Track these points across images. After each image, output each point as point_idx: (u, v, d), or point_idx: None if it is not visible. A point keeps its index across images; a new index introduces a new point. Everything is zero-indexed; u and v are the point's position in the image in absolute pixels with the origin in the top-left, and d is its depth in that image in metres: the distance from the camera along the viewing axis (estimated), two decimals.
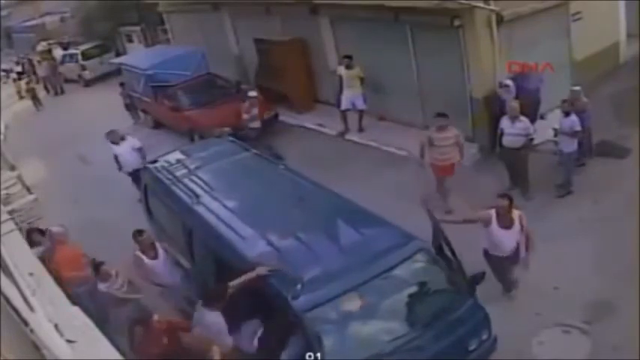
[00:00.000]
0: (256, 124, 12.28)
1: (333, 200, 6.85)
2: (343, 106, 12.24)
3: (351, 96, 12.05)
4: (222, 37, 17.47)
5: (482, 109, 10.37)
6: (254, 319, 5.97)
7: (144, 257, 7.14)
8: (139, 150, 10.96)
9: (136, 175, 10.86)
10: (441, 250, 6.16)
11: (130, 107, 16.75)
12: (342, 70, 12.11)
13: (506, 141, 8.92)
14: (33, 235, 7.99)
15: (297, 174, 7.72)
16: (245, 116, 12.09)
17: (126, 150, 10.87)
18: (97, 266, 7.19)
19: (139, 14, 24.19)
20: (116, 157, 10.95)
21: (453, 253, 6.10)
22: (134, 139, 11.17)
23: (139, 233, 7.23)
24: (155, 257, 7.22)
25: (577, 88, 9.26)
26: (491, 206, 6.67)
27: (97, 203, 11.09)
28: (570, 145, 8.72)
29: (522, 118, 8.79)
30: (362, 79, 11.94)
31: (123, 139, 10.98)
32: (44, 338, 2.78)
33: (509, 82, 9.64)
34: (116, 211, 11.19)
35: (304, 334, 5.29)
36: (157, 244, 7.35)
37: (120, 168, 11.03)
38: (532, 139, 8.92)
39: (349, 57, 12.01)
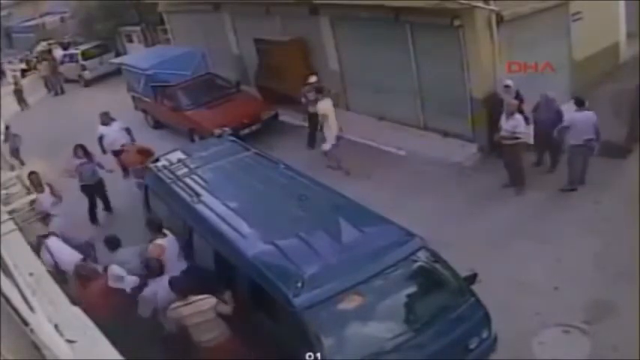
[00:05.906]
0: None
1: (334, 198, 6.86)
2: None
3: None
4: (223, 37, 17.47)
5: (482, 109, 10.38)
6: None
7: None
8: (127, 130, 11.97)
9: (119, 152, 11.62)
10: None
11: (15, 154, 14.31)
12: None
13: (502, 136, 8.99)
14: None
15: (297, 173, 7.72)
16: (303, 100, 12.10)
17: (113, 130, 11.81)
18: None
19: (139, 14, 24.18)
20: (100, 139, 11.76)
21: None
22: (120, 122, 12.16)
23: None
24: None
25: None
26: None
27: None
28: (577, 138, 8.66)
29: (517, 116, 8.89)
30: None
31: (113, 119, 12.04)
32: (44, 338, 2.77)
33: (509, 82, 9.65)
34: (118, 210, 11.27)
35: (304, 332, 5.30)
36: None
37: (103, 150, 11.76)
38: (517, 138, 8.94)
39: None
